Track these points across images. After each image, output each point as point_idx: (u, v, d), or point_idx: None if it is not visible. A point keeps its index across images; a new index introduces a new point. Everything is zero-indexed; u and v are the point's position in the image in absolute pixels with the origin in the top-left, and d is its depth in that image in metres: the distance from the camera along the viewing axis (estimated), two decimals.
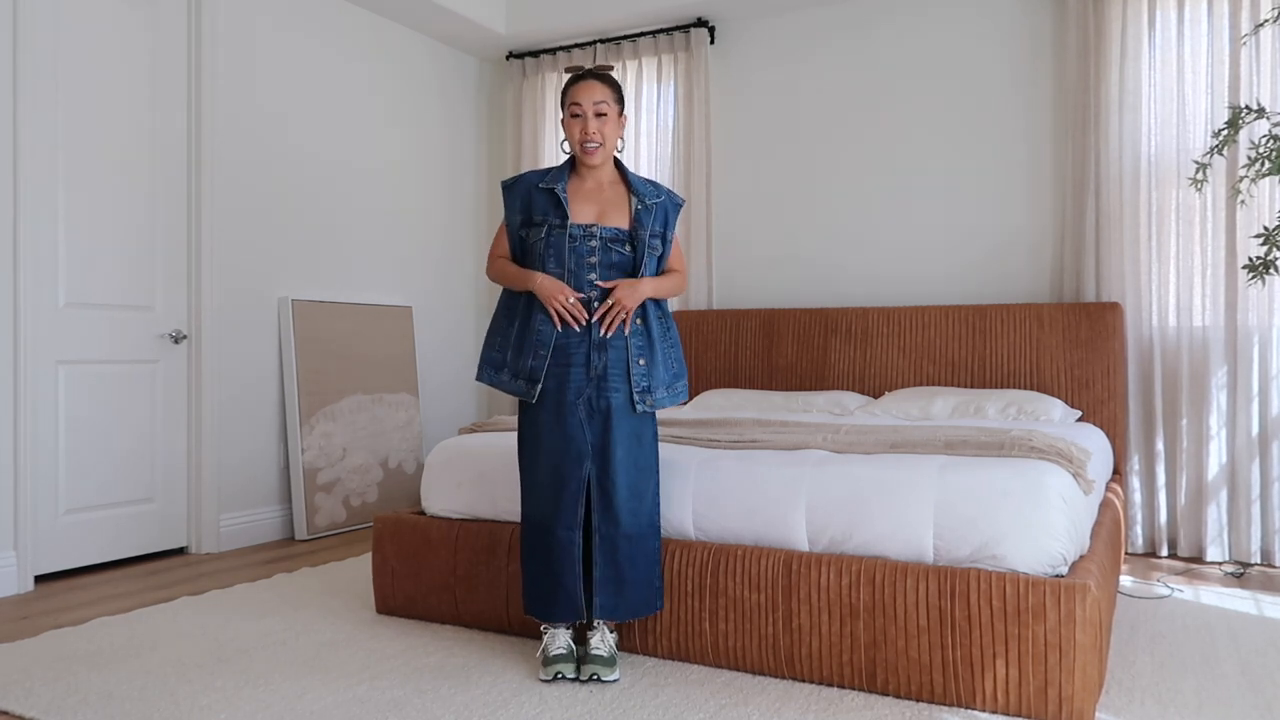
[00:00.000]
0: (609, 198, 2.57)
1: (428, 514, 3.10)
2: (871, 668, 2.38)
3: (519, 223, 2.58)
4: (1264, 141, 3.02)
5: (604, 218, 2.54)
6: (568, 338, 2.48)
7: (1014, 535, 2.32)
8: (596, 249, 2.50)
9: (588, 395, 2.48)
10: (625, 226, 2.54)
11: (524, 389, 2.50)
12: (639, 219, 2.53)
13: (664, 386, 2.54)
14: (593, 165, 2.56)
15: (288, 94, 4.49)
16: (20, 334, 3.47)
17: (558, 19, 5.08)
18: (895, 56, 4.64)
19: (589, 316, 2.48)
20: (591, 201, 2.55)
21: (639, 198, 2.56)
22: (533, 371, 2.48)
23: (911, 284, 4.61)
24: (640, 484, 2.51)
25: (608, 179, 2.60)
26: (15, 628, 3.01)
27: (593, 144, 2.52)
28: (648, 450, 2.54)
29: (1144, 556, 4.03)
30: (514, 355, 2.53)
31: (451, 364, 5.51)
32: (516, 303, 2.56)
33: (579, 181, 2.58)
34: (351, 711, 2.28)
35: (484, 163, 5.73)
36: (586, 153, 2.54)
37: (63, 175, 3.64)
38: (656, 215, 2.57)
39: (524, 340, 2.51)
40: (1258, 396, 3.86)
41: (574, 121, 2.55)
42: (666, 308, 2.64)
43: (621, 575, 2.48)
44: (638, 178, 2.63)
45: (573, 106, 2.55)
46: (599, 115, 2.53)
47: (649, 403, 2.50)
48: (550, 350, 2.48)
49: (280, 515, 4.44)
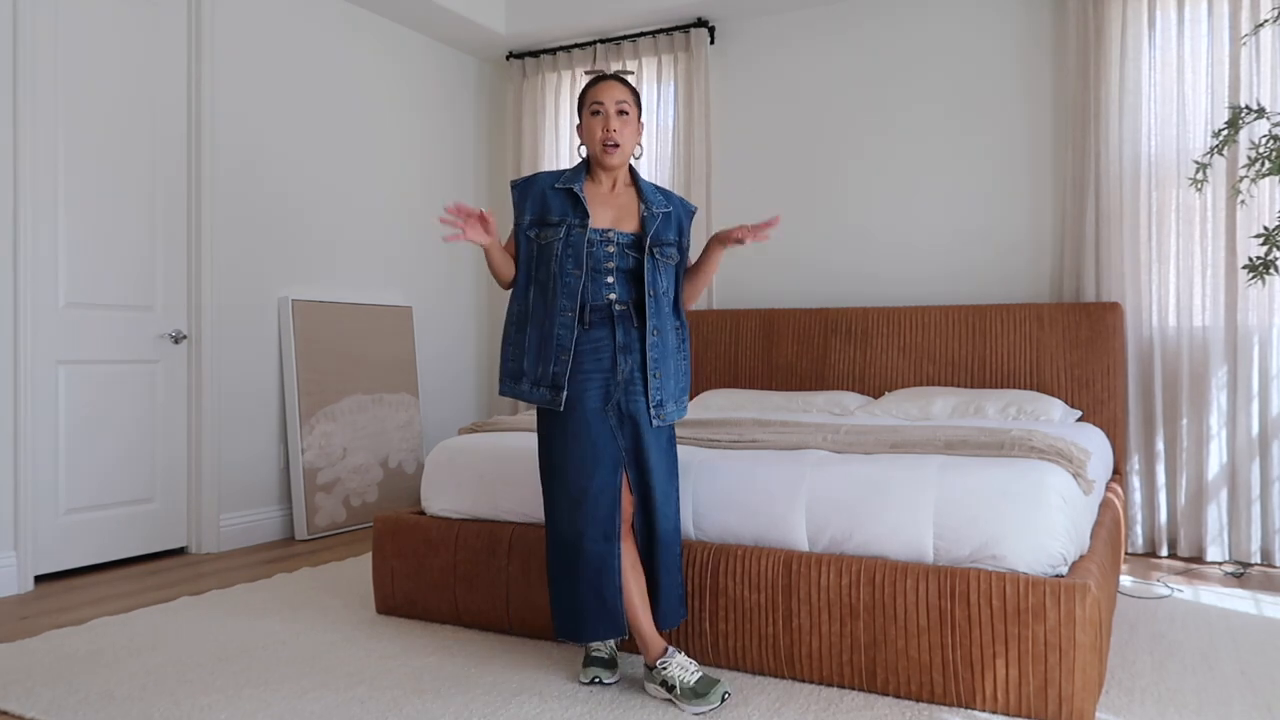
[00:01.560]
0: (624, 203, 2.49)
1: (428, 514, 3.09)
2: (871, 668, 2.38)
3: (528, 223, 2.46)
4: (1264, 141, 3.02)
5: (620, 223, 2.46)
6: (590, 340, 2.38)
7: (1014, 535, 2.31)
8: (614, 254, 2.41)
9: (617, 400, 2.38)
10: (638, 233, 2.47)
11: (547, 397, 2.37)
12: (644, 226, 2.45)
13: (673, 400, 2.47)
14: (610, 167, 2.47)
15: (288, 94, 4.49)
16: (20, 334, 3.47)
17: (558, 19, 5.09)
18: (895, 56, 4.64)
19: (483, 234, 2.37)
20: (608, 206, 2.47)
21: (646, 205, 2.48)
22: (555, 378, 2.36)
23: (911, 284, 4.61)
24: (672, 490, 2.47)
25: (622, 184, 2.53)
26: (15, 628, 3.01)
27: (613, 143, 2.43)
28: (670, 456, 2.49)
29: (1144, 556, 4.03)
30: (532, 363, 2.40)
31: (451, 364, 5.51)
32: (526, 307, 2.44)
33: (594, 185, 2.50)
34: (351, 711, 2.28)
35: (484, 162, 5.73)
36: (606, 152, 2.45)
37: (63, 175, 3.64)
38: (668, 224, 2.49)
39: (543, 346, 2.39)
40: (1258, 396, 3.86)
41: (594, 120, 2.47)
42: (685, 318, 2.55)
43: (658, 584, 2.43)
44: (648, 185, 2.56)
45: (594, 105, 2.47)
46: (620, 113, 2.46)
47: (661, 417, 2.42)
48: (572, 354, 2.36)
49: (280, 515, 4.44)
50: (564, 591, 2.39)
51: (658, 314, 2.43)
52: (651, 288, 2.42)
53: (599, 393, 2.37)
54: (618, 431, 2.38)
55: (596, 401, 2.37)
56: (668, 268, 2.48)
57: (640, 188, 2.53)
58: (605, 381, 2.38)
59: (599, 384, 2.38)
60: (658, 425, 2.41)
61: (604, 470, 2.36)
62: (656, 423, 2.41)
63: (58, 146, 3.63)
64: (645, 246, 2.43)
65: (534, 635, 2.84)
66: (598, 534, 2.34)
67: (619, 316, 2.40)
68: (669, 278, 2.49)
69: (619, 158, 2.46)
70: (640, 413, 2.39)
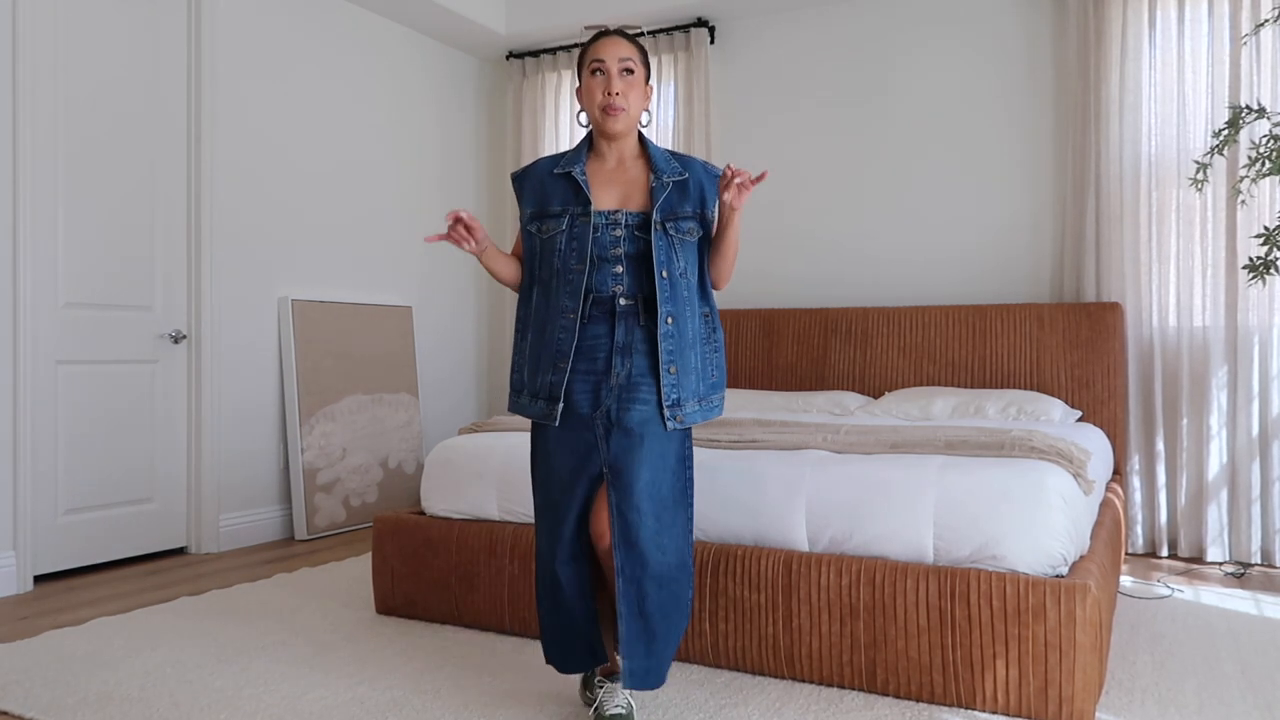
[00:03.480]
0: (633, 178, 2.18)
1: (428, 514, 3.09)
2: (871, 668, 2.38)
3: (529, 216, 2.20)
4: (1264, 141, 3.02)
5: (629, 201, 2.15)
6: (586, 336, 2.11)
7: (1014, 535, 2.31)
8: (622, 238, 2.11)
9: (607, 408, 2.09)
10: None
11: (542, 410, 2.11)
12: (652, 198, 2.13)
13: (695, 399, 2.14)
14: (614, 134, 2.15)
15: (287, 94, 4.49)
16: (20, 334, 3.47)
17: (558, 19, 5.09)
18: (895, 56, 4.64)
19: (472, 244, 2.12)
20: (613, 184, 2.17)
21: (656, 175, 2.16)
22: (552, 388, 2.09)
23: (911, 284, 4.61)
24: (667, 514, 2.10)
25: (630, 155, 2.21)
26: (15, 628, 3.01)
27: (616, 106, 2.12)
28: (676, 475, 2.13)
29: (1144, 556, 4.03)
30: (530, 373, 2.15)
31: (451, 364, 5.51)
32: (528, 312, 2.20)
33: (598, 162, 2.20)
34: (351, 711, 2.28)
35: (484, 162, 5.73)
36: (609, 114, 2.12)
37: (63, 175, 3.64)
38: (683, 195, 2.16)
39: (540, 353, 2.13)
40: (1258, 396, 3.86)
41: (595, 80, 2.14)
42: (714, 304, 2.23)
43: (652, 630, 2.05)
44: (660, 151, 2.22)
45: (594, 63, 2.14)
46: (625, 72, 2.13)
47: (679, 419, 2.10)
48: (571, 361, 2.09)
49: (280, 515, 4.44)
50: (547, 618, 2.18)
51: (674, 298, 2.11)
52: (664, 268, 2.10)
53: (587, 398, 2.10)
54: (602, 443, 2.09)
55: (585, 408, 2.10)
56: (686, 244, 2.15)
57: (650, 155, 2.21)
58: (596, 385, 2.10)
59: (588, 387, 2.10)
60: (673, 428, 2.10)
61: (577, 485, 2.10)
62: (672, 425, 2.09)
63: (57, 146, 3.63)
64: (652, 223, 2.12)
65: (534, 635, 2.83)
66: (565, 555, 2.12)
67: (622, 312, 2.11)
68: (689, 257, 2.16)
69: (623, 123, 2.14)
70: (640, 421, 2.08)
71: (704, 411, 2.17)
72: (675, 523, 2.12)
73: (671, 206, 2.14)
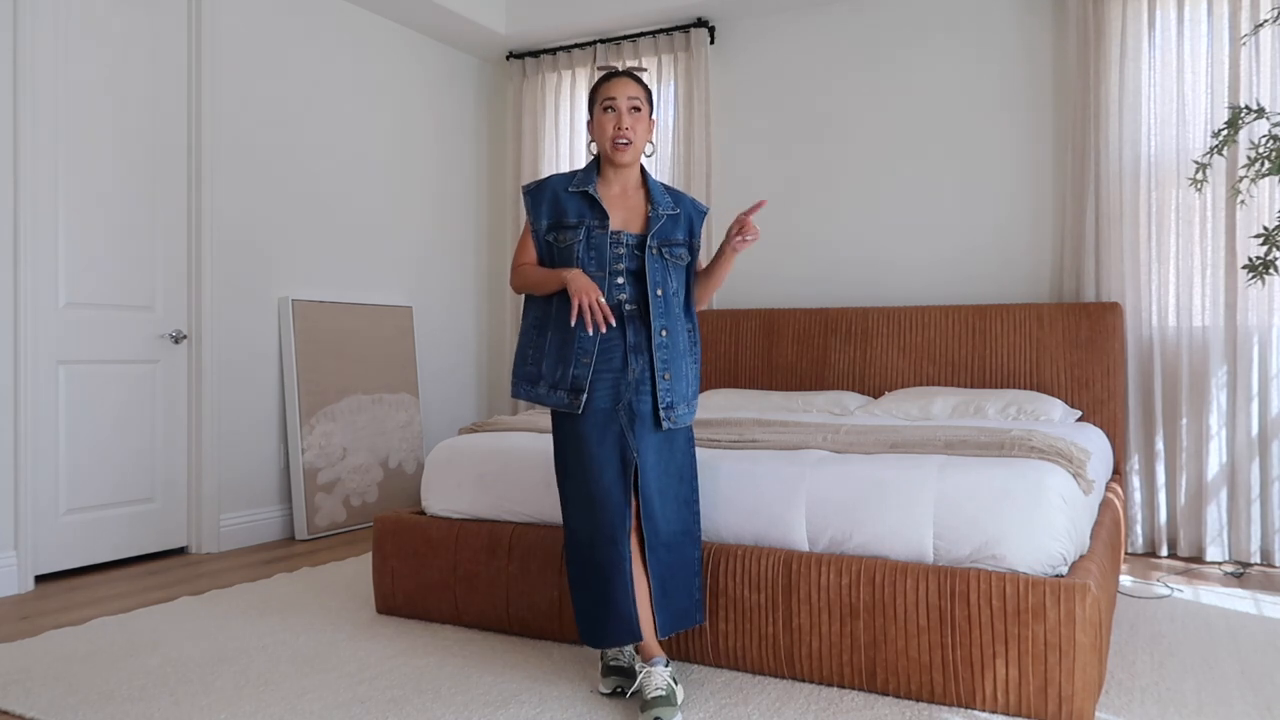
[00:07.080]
0: (634, 205, 2.47)
1: (428, 514, 3.10)
2: (871, 668, 2.38)
3: (545, 227, 2.46)
4: (1264, 141, 3.02)
5: (630, 225, 2.45)
6: (608, 341, 2.37)
7: (1014, 535, 2.32)
8: (623, 255, 2.40)
9: (628, 400, 2.37)
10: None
11: (566, 400, 2.36)
12: (647, 226, 2.43)
13: (684, 402, 2.43)
14: (621, 164, 2.45)
15: (287, 94, 4.49)
16: (20, 334, 3.47)
17: (558, 19, 5.09)
18: (895, 56, 4.65)
19: (613, 322, 2.35)
20: (618, 207, 2.46)
21: (652, 206, 2.46)
22: (576, 381, 2.35)
23: (911, 284, 4.61)
24: (673, 489, 2.41)
25: (633, 185, 2.50)
26: (15, 628, 3.01)
27: (624, 140, 2.41)
28: (680, 455, 2.44)
29: (1144, 556, 4.03)
30: (551, 366, 2.39)
31: (451, 364, 5.51)
32: (548, 311, 2.43)
33: (605, 186, 2.48)
34: (351, 711, 2.28)
35: (484, 162, 5.73)
36: (617, 149, 2.42)
37: (63, 175, 3.65)
38: (675, 225, 2.47)
39: (564, 349, 2.38)
40: (1257, 396, 3.86)
41: (606, 116, 2.43)
42: (696, 320, 2.54)
43: (665, 587, 2.36)
44: (657, 185, 2.53)
45: (606, 101, 2.43)
46: (633, 110, 2.43)
47: (673, 419, 2.39)
48: (594, 357, 2.36)
49: (280, 515, 4.44)
50: (581, 596, 2.37)
51: (666, 314, 2.41)
52: (659, 287, 2.40)
53: (609, 393, 2.36)
54: (628, 431, 2.35)
55: (607, 402, 2.36)
56: (677, 268, 2.46)
57: (649, 188, 2.51)
58: (616, 381, 2.37)
59: (609, 384, 2.37)
60: (669, 428, 2.38)
61: (611, 472, 2.33)
62: (667, 425, 2.37)
63: (58, 146, 3.63)
64: (645, 246, 2.41)
65: (534, 635, 2.84)
66: (606, 538, 2.31)
67: (629, 317, 2.39)
68: (679, 278, 2.47)
69: (631, 155, 2.44)
70: (645, 413, 2.37)
71: (690, 413, 2.48)
72: (680, 495, 2.44)
73: (666, 234, 2.45)
